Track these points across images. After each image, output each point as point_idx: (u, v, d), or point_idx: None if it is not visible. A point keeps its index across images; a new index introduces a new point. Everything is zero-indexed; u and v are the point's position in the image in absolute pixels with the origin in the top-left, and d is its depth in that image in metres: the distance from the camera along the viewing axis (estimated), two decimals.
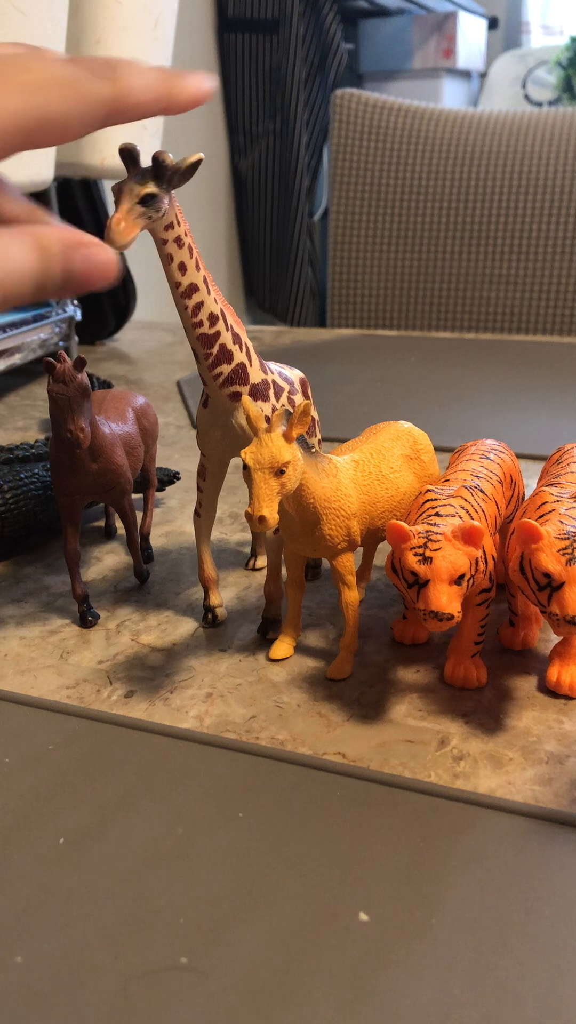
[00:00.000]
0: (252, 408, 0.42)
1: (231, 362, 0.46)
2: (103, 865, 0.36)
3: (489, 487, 0.47)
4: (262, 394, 0.48)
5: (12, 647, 0.52)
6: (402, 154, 1.57)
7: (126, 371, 1.17)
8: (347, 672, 0.48)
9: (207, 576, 0.53)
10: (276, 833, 0.37)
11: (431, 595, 0.40)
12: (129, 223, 0.36)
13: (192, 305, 0.44)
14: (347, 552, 0.47)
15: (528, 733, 0.43)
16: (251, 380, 0.47)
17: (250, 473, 0.41)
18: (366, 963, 0.31)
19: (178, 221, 0.42)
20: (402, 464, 0.49)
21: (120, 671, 0.49)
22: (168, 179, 0.38)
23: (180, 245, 0.42)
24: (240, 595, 0.57)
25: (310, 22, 2.10)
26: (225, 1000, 0.30)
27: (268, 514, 0.40)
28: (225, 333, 0.46)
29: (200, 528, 0.53)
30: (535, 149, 1.49)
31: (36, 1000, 0.30)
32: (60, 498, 0.53)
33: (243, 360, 0.47)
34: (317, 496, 0.44)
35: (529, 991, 0.30)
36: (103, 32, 1.13)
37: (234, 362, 0.46)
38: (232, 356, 0.46)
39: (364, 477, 0.47)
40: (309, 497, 0.44)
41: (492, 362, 1.18)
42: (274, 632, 0.52)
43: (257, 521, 0.40)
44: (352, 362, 1.19)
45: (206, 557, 0.53)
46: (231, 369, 0.46)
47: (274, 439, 0.41)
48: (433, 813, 0.38)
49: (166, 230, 0.41)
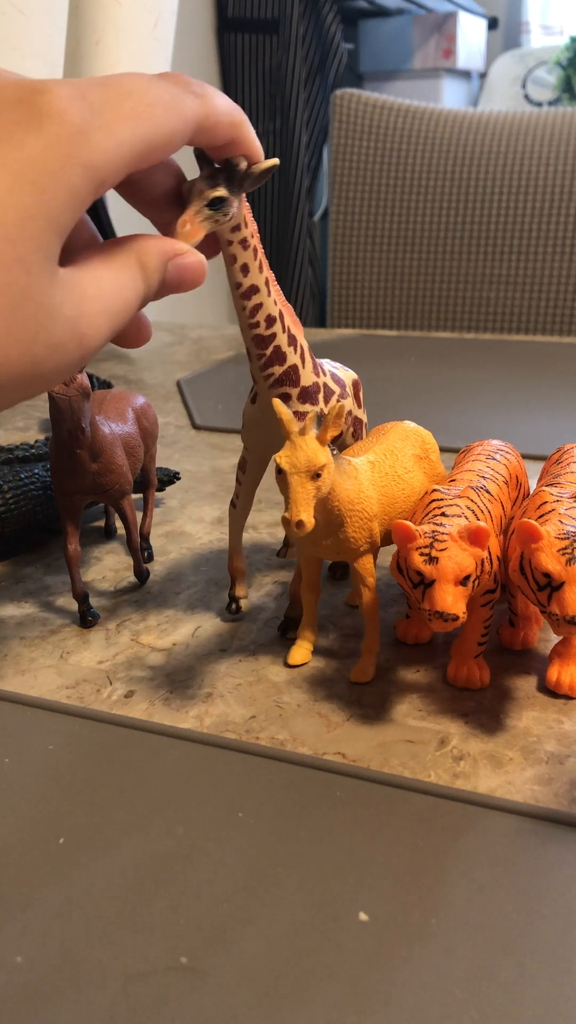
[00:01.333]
0: (284, 411, 0.42)
1: (284, 364, 0.46)
2: (103, 865, 0.36)
3: (495, 488, 0.47)
4: (311, 397, 0.48)
5: (12, 647, 0.52)
6: (402, 154, 1.57)
7: (126, 371, 1.17)
8: (370, 675, 0.47)
9: (236, 567, 0.54)
10: (276, 833, 0.37)
11: (437, 595, 0.40)
12: (195, 225, 0.36)
13: (251, 306, 0.44)
14: (368, 554, 0.47)
15: (528, 733, 0.43)
16: (302, 383, 0.47)
17: (285, 477, 0.40)
18: (366, 963, 0.31)
19: (245, 223, 0.41)
20: (414, 464, 0.49)
21: (120, 671, 0.49)
22: (239, 183, 0.37)
23: (245, 247, 0.42)
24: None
25: (310, 22, 2.10)
26: (225, 1000, 0.30)
27: (306, 518, 0.40)
28: (281, 335, 0.45)
29: (235, 519, 0.54)
30: (535, 149, 1.49)
31: (36, 1000, 0.30)
32: (60, 498, 0.53)
33: (296, 363, 0.47)
34: (341, 499, 0.44)
35: (529, 991, 0.30)
36: (103, 32, 1.13)
37: (286, 364, 0.46)
38: (286, 358, 0.46)
39: (381, 478, 0.47)
40: (334, 500, 0.44)
41: (492, 362, 1.18)
42: (293, 632, 0.52)
43: (295, 526, 0.40)
44: (352, 362, 1.19)
45: (237, 549, 0.54)
46: (283, 371, 0.46)
47: (308, 442, 0.41)
48: (433, 813, 0.38)
49: (232, 231, 0.41)
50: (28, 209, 0.23)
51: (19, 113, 0.24)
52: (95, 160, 0.25)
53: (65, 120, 0.24)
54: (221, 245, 0.41)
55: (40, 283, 0.24)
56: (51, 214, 0.24)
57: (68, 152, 0.24)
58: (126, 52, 1.15)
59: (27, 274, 0.24)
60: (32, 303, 0.24)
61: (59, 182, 0.24)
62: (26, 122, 0.23)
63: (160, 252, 0.28)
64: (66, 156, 0.24)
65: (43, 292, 0.24)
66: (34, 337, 0.24)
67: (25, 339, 0.24)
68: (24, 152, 0.23)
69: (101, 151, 0.25)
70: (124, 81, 0.26)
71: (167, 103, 0.27)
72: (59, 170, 0.24)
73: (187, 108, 0.28)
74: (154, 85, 0.27)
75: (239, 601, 0.54)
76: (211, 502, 0.72)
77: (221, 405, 0.98)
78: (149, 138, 0.27)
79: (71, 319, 0.25)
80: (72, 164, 0.24)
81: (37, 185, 0.23)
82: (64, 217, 0.24)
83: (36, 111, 0.24)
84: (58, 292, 0.25)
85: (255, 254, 0.43)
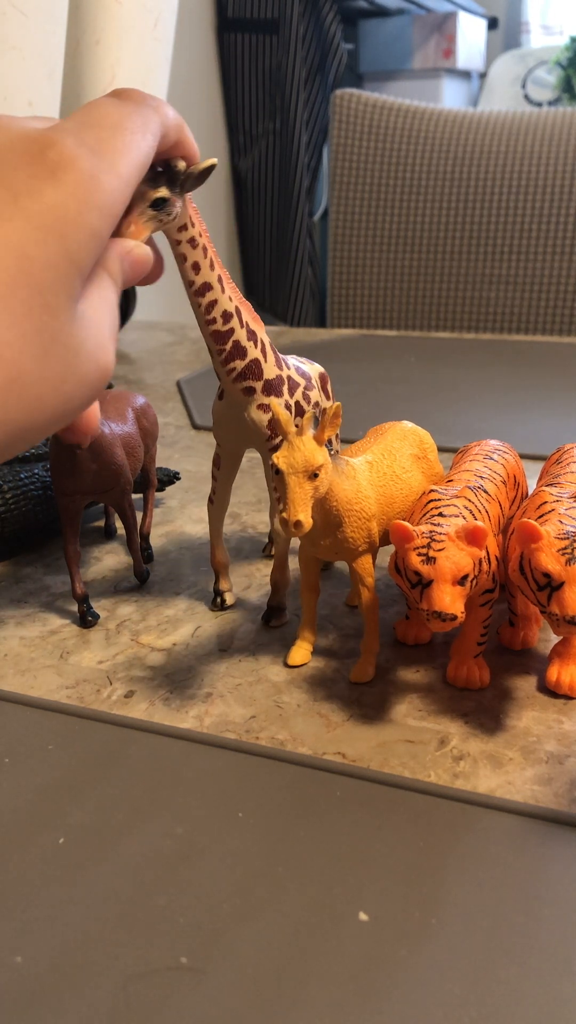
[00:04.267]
0: (282, 413, 0.42)
1: (244, 358, 0.47)
2: (103, 865, 0.36)
3: (493, 487, 0.47)
4: (275, 390, 0.49)
5: (12, 647, 0.52)
6: (402, 154, 1.57)
7: (126, 371, 1.17)
8: (370, 675, 0.47)
9: (219, 561, 0.55)
10: (276, 833, 0.37)
11: (435, 595, 0.40)
12: (139, 226, 0.37)
13: (205, 303, 0.45)
14: (367, 554, 0.47)
15: (528, 733, 0.43)
16: (265, 376, 0.48)
17: (283, 478, 0.41)
18: (366, 963, 0.31)
19: (192, 222, 0.43)
20: (412, 464, 0.49)
21: (120, 671, 0.49)
22: (181, 184, 0.38)
23: (194, 245, 0.43)
24: (241, 594, 0.57)
25: (310, 22, 2.10)
26: (225, 1000, 0.30)
27: (304, 519, 0.40)
28: (240, 330, 0.47)
29: (213, 515, 0.55)
30: (535, 149, 1.49)
31: (36, 1000, 0.30)
32: (60, 498, 0.53)
33: (257, 356, 0.48)
34: (339, 499, 0.44)
35: (529, 991, 0.30)
36: (103, 32, 1.13)
37: (247, 358, 0.47)
38: (246, 352, 0.47)
39: (379, 478, 0.47)
40: (332, 500, 0.44)
41: (492, 362, 1.18)
42: (277, 620, 0.53)
43: (293, 526, 0.40)
44: (352, 362, 1.19)
45: (218, 543, 0.55)
46: (244, 365, 0.47)
47: (306, 443, 0.41)
48: (433, 813, 0.38)
49: (179, 231, 0.42)
50: (52, 257, 0.25)
51: (34, 167, 0.25)
52: (107, 200, 0.27)
53: (76, 167, 0.26)
54: (171, 245, 0.43)
55: (66, 326, 0.26)
56: (74, 258, 0.26)
57: (85, 198, 0.26)
58: (126, 52, 1.15)
59: (54, 319, 0.25)
60: (60, 346, 0.26)
61: (80, 227, 0.26)
62: (42, 176, 0.25)
63: (117, 255, 0.30)
64: (83, 202, 0.26)
65: (68, 333, 0.26)
66: (63, 377, 0.26)
67: (56, 380, 0.26)
68: (44, 203, 0.25)
69: (111, 191, 0.27)
70: (104, 116, 0.29)
71: (143, 127, 0.30)
72: (78, 216, 0.26)
73: (154, 125, 0.31)
74: (127, 112, 0.29)
75: (224, 595, 0.56)
76: None
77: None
78: (141, 164, 0.29)
79: (92, 351, 0.27)
80: (90, 208, 0.26)
81: (58, 232, 0.25)
82: (86, 258, 0.26)
83: (49, 164, 0.25)
84: (80, 330, 0.26)
85: (204, 252, 0.44)
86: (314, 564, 0.49)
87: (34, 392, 0.25)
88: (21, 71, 0.94)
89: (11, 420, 0.25)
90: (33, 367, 0.25)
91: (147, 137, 0.30)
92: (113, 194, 0.27)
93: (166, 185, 0.38)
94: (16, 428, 0.25)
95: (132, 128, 0.29)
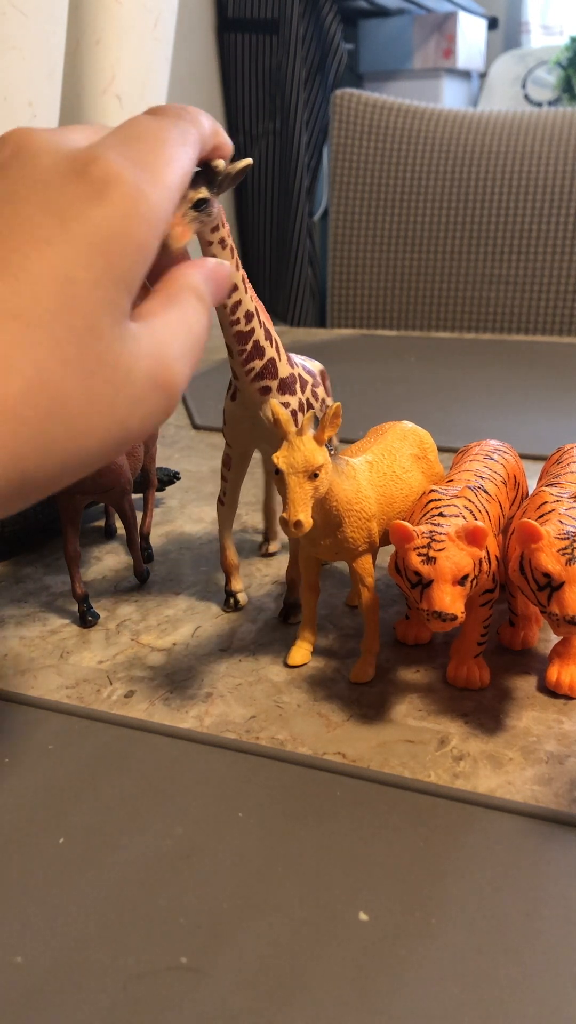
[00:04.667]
0: (282, 412, 0.42)
1: (263, 358, 0.48)
2: (103, 865, 0.36)
3: (493, 487, 0.47)
4: (289, 388, 0.49)
5: (12, 647, 0.52)
6: (402, 154, 1.57)
7: None
8: (370, 675, 0.47)
9: (229, 562, 0.55)
10: (276, 833, 0.37)
11: (435, 595, 0.40)
12: (184, 227, 0.38)
13: (231, 304, 0.46)
14: (367, 554, 0.47)
15: (528, 733, 0.43)
16: (280, 375, 0.49)
17: (283, 478, 0.41)
18: (366, 963, 0.31)
19: (223, 223, 0.43)
20: (412, 464, 0.49)
21: (120, 671, 0.49)
22: (219, 184, 0.38)
23: (224, 247, 0.44)
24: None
25: (310, 22, 2.10)
26: (225, 1000, 0.30)
27: (304, 518, 0.40)
28: (259, 330, 0.47)
29: (223, 516, 0.55)
30: (535, 149, 1.49)
31: (36, 1000, 0.30)
32: (60, 498, 0.53)
33: (273, 356, 0.48)
34: (340, 499, 0.44)
35: (529, 991, 0.30)
36: (103, 32, 1.13)
37: (265, 358, 0.48)
38: (264, 352, 0.48)
39: (379, 478, 0.47)
40: (332, 500, 0.44)
41: (492, 362, 1.18)
42: (295, 617, 0.53)
43: (293, 526, 0.40)
44: (352, 362, 1.19)
45: (228, 544, 0.55)
46: (262, 364, 0.48)
47: (306, 442, 0.41)
48: (433, 813, 0.38)
49: (213, 232, 0.43)
50: (99, 277, 0.24)
51: (80, 187, 0.25)
52: (154, 213, 0.26)
53: (122, 182, 0.25)
54: (202, 245, 0.43)
55: (113, 346, 0.25)
56: (120, 274, 0.25)
57: (131, 212, 0.25)
58: (126, 52, 1.15)
59: (99, 340, 0.24)
60: (107, 367, 0.25)
61: (127, 242, 0.25)
62: (88, 194, 0.25)
63: (205, 277, 0.30)
64: (130, 216, 0.25)
65: (116, 353, 0.25)
66: (114, 400, 0.25)
67: (105, 404, 0.25)
68: (91, 223, 0.25)
69: (157, 203, 0.27)
70: (144, 131, 0.28)
71: (182, 138, 0.29)
72: (125, 231, 0.25)
73: (192, 136, 0.30)
74: (166, 125, 0.29)
75: (236, 595, 0.55)
76: (211, 502, 0.72)
77: (221, 405, 0.98)
78: (184, 175, 0.29)
79: (150, 370, 0.26)
80: (138, 223, 0.26)
81: (104, 251, 0.25)
82: (134, 274, 0.26)
83: (96, 182, 0.25)
84: (133, 348, 0.26)
85: (232, 253, 0.44)
86: (314, 564, 0.49)
87: (80, 417, 0.24)
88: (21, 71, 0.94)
89: (59, 449, 0.24)
90: (78, 392, 0.24)
91: (187, 148, 0.30)
92: (159, 206, 0.27)
93: (205, 186, 0.39)
94: (66, 456, 0.24)
95: (172, 140, 0.29)
